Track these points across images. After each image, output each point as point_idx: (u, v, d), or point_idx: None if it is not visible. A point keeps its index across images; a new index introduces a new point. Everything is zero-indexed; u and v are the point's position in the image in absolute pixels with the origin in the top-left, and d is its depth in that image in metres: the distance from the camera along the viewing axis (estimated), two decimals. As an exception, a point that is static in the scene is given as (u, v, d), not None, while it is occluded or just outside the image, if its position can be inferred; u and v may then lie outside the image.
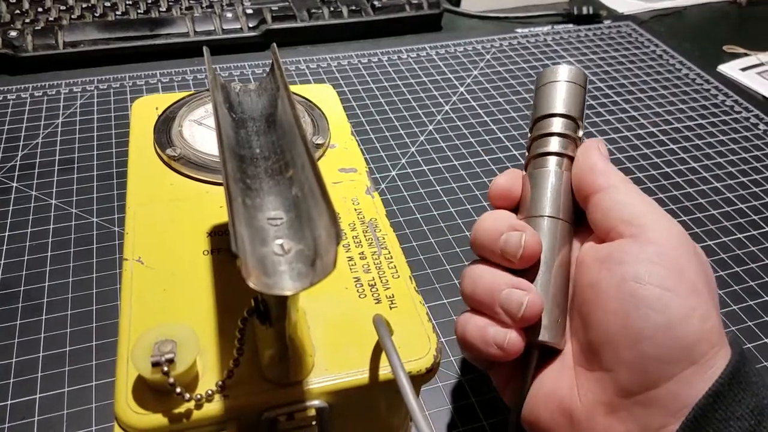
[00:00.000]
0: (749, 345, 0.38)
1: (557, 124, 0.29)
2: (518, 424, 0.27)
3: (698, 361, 0.23)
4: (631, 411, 0.23)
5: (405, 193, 0.47)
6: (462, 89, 0.60)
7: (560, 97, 0.29)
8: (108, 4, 0.64)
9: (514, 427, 0.27)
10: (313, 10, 0.66)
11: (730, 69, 0.66)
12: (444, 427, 0.33)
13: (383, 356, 0.23)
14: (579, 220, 0.29)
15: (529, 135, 0.30)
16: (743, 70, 0.66)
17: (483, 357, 0.27)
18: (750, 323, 0.39)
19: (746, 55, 0.69)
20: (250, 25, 0.64)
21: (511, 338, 0.26)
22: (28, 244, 0.41)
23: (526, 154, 0.30)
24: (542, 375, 0.27)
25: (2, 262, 0.40)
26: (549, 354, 0.27)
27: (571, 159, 0.29)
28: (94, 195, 0.45)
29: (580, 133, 0.29)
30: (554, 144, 0.29)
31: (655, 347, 0.23)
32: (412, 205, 0.46)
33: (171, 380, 0.20)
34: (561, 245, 0.27)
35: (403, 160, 0.50)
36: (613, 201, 0.26)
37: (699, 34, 0.75)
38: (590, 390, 0.25)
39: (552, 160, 0.29)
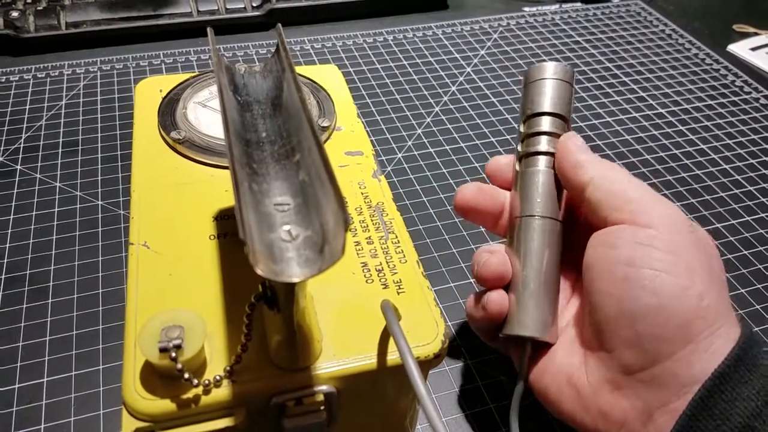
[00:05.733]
0: (757, 328, 0.37)
1: (546, 123, 0.29)
2: (521, 406, 0.28)
3: (695, 340, 0.23)
4: (634, 388, 0.24)
5: (411, 176, 0.47)
6: (469, 69, 0.60)
7: (549, 95, 0.29)
8: (110, -17, 0.63)
9: (517, 408, 0.28)
10: (318, -11, 0.66)
11: (739, 48, 0.65)
12: (451, 411, 0.33)
13: (391, 341, 0.23)
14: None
15: (519, 129, 0.31)
16: (753, 49, 0.65)
17: (475, 321, 0.29)
18: (757, 306, 0.39)
19: (756, 34, 0.68)
20: (254, 5, 0.63)
21: (490, 297, 0.28)
22: (32, 227, 0.41)
23: (517, 149, 0.30)
24: (553, 350, 0.28)
25: (7, 245, 0.40)
26: (544, 346, 0.28)
27: None
28: (99, 177, 0.45)
29: (568, 129, 0.30)
30: (544, 143, 0.29)
31: (651, 327, 0.23)
32: (418, 187, 0.46)
33: (179, 366, 0.20)
34: (550, 243, 0.28)
35: (410, 142, 0.50)
36: (603, 192, 0.27)
37: (708, 12, 0.73)
38: (596, 368, 0.25)
39: (542, 160, 0.29)
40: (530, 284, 0.27)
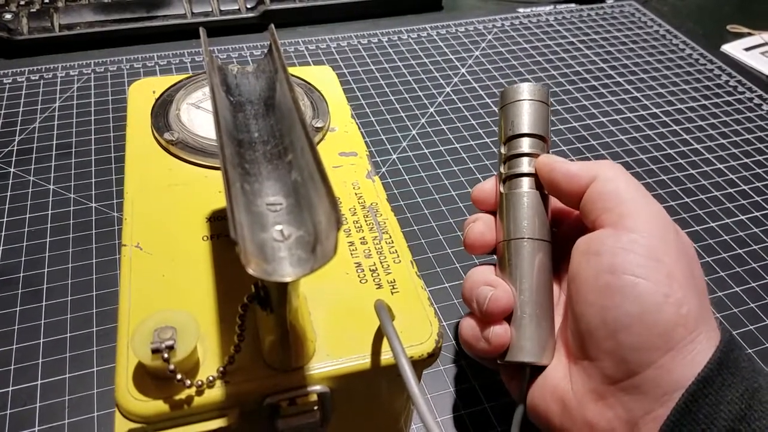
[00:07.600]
0: (752, 327, 0.38)
1: (528, 144, 0.29)
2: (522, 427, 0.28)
3: (675, 347, 0.23)
4: (617, 398, 0.24)
5: (406, 177, 0.47)
6: (463, 70, 0.60)
7: (528, 116, 0.30)
8: (103, -15, 0.63)
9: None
10: (312, -9, 0.66)
11: (733, 49, 0.65)
12: (446, 411, 0.33)
13: (385, 341, 0.23)
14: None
15: (499, 151, 0.31)
16: (747, 50, 0.65)
17: (478, 353, 0.28)
18: (752, 305, 0.39)
19: (750, 34, 0.68)
20: (248, 6, 0.63)
21: (495, 331, 0.27)
22: (26, 229, 0.41)
23: (500, 170, 0.30)
24: None
25: (1, 248, 0.39)
26: (542, 368, 0.27)
27: None
28: (92, 180, 0.45)
29: (547, 149, 0.30)
30: (527, 165, 0.29)
31: (632, 336, 0.23)
32: (413, 188, 0.46)
33: (171, 367, 0.20)
34: (542, 265, 0.28)
35: (404, 143, 0.50)
36: (596, 193, 0.27)
37: (702, 13, 0.74)
38: (580, 378, 0.25)
39: (526, 181, 0.29)
40: (527, 309, 0.27)
